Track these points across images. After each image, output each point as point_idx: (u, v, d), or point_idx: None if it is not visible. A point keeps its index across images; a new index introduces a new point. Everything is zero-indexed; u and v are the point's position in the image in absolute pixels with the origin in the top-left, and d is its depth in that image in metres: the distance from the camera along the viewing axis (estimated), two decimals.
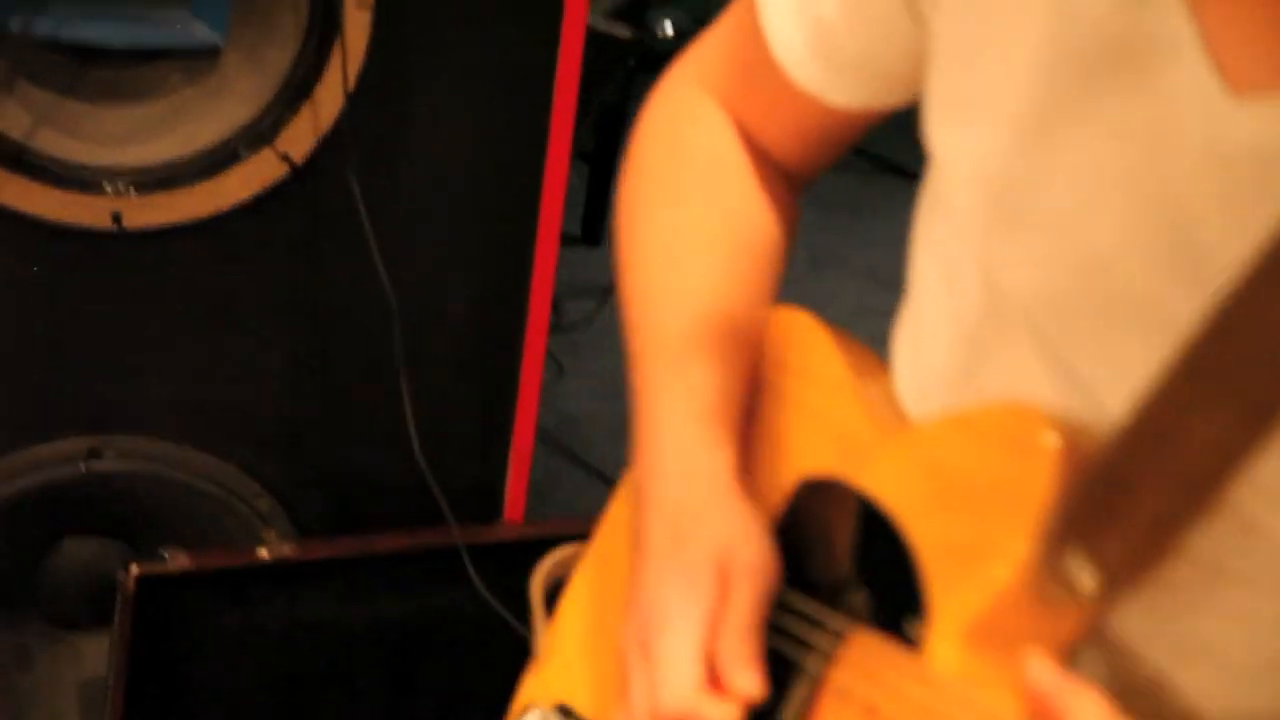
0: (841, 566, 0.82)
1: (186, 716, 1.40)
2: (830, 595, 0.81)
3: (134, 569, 1.32)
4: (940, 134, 0.75)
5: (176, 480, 1.42)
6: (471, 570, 1.43)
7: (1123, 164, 0.66)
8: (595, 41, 1.65)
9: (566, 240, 2.57)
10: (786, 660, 0.82)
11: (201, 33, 1.35)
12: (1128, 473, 0.65)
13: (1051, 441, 0.72)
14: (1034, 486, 0.72)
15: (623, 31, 2.26)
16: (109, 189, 1.33)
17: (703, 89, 0.90)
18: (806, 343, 0.89)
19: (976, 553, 0.75)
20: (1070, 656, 0.76)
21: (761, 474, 0.88)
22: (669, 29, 3.02)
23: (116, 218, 1.33)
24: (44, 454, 1.40)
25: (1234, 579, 0.71)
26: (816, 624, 0.81)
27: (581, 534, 1.53)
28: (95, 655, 1.47)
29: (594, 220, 2.55)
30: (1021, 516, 0.73)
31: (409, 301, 1.43)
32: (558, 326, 2.39)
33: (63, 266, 1.35)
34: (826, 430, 0.86)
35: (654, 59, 1.49)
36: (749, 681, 0.76)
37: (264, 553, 1.37)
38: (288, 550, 1.38)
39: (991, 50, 0.70)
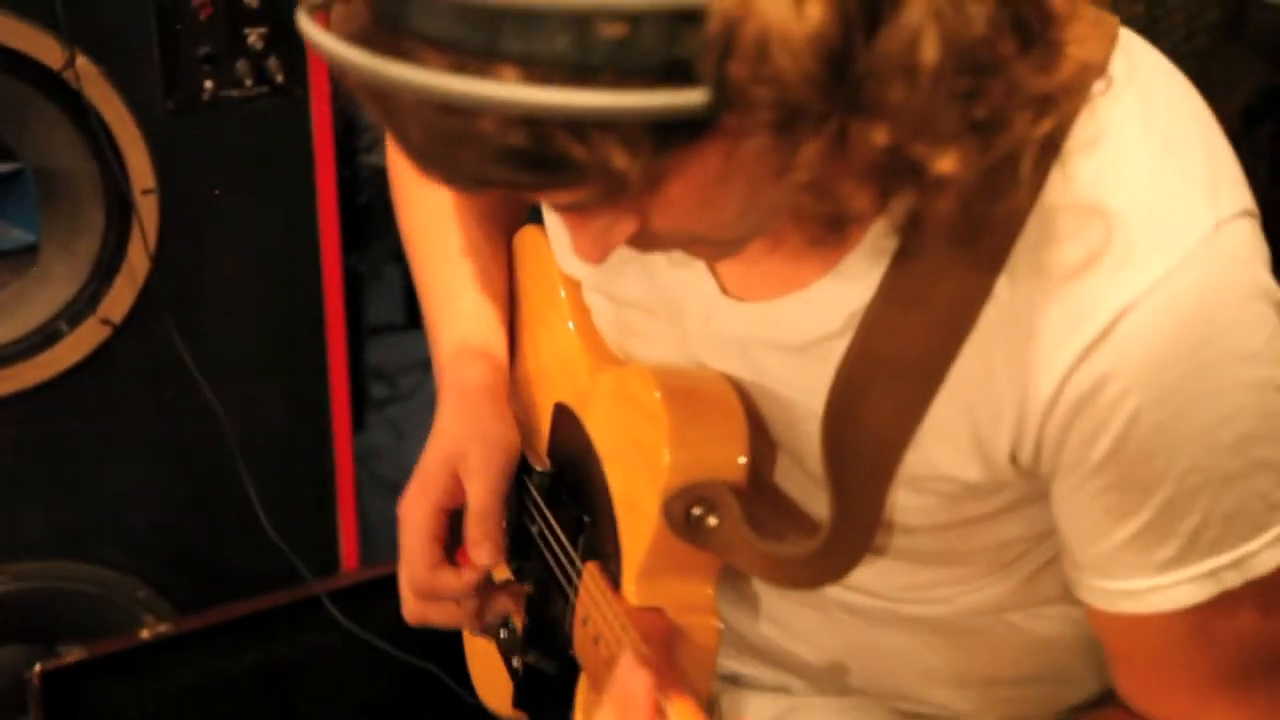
0: (580, 502, 0.97)
1: None
2: (574, 530, 0.97)
3: (37, 667, 1.60)
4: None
5: (64, 589, 1.72)
6: (334, 609, 1.75)
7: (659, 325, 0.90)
8: None
9: (392, 327, 2.91)
10: (562, 589, 0.97)
11: (17, 235, 1.66)
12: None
13: (658, 402, 0.84)
14: (654, 448, 0.85)
15: None
16: None
17: None
18: (539, 266, 1.02)
19: (634, 506, 0.90)
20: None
21: (534, 393, 1.03)
22: None
23: None
24: None
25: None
26: (570, 559, 0.97)
27: None
28: None
29: (414, 306, 2.87)
30: (650, 476, 0.86)
31: (234, 414, 1.74)
32: (394, 399, 2.72)
33: None
34: (562, 358, 0.99)
35: None
36: (482, 555, 0.94)
37: (145, 633, 1.68)
38: (164, 628, 1.69)
39: None
